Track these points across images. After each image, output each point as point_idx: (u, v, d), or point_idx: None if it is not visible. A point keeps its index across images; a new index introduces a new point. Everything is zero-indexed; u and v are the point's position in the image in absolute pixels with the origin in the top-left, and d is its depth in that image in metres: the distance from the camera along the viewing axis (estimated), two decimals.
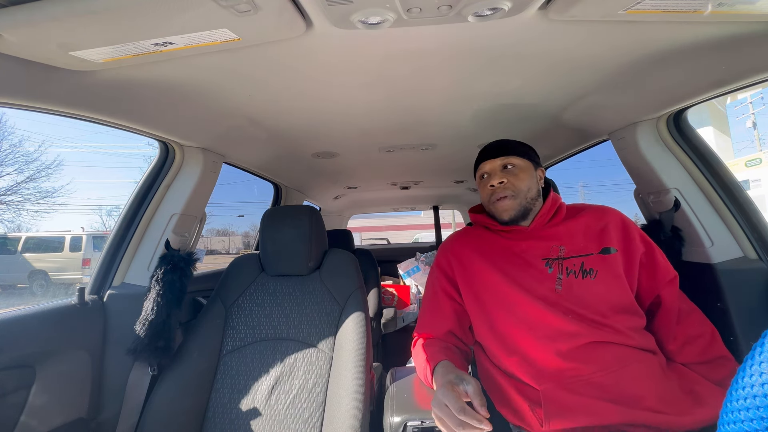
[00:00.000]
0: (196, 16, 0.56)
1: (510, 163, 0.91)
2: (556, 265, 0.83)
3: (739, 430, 0.33)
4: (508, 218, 0.89)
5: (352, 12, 0.58)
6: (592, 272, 0.81)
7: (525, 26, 0.67)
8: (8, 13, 0.53)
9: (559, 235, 0.87)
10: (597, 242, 0.84)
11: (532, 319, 0.80)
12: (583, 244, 0.84)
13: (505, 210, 0.89)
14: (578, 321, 0.77)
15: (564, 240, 0.86)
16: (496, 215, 0.91)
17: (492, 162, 0.92)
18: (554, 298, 0.80)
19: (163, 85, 0.82)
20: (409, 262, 3.02)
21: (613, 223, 0.87)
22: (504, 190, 0.89)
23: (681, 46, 0.75)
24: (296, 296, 1.14)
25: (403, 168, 1.91)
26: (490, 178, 0.92)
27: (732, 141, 13.35)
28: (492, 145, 0.95)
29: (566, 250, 0.84)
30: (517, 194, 0.88)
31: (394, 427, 0.79)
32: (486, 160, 0.94)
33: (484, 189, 0.94)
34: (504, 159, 0.91)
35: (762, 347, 0.33)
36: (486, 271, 0.88)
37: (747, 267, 0.97)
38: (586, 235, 0.86)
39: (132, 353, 0.98)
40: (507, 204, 0.88)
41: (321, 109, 1.05)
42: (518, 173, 0.90)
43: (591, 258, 0.82)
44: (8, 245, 8.82)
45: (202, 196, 1.21)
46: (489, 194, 0.92)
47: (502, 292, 0.85)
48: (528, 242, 0.88)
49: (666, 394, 0.71)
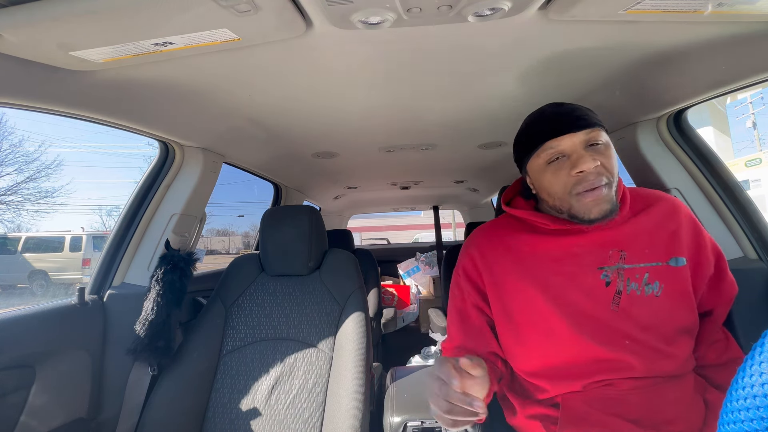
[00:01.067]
0: (196, 16, 0.56)
1: (597, 139, 0.65)
2: (615, 276, 0.66)
3: (739, 430, 0.33)
4: (601, 215, 0.65)
5: (352, 12, 0.58)
6: (657, 287, 0.65)
7: (525, 26, 0.67)
8: (8, 13, 0.53)
9: (622, 237, 0.68)
10: (666, 248, 0.67)
11: (576, 350, 0.65)
12: (649, 250, 0.67)
13: (600, 202, 0.64)
14: (635, 351, 0.63)
15: (626, 243, 0.67)
16: (583, 212, 0.65)
17: (572, 137, 0.65)
18: (608, 319, 0.65)
19: (163, 85, 0.82)
20: (409, 262, 3.02)
21: (686, 226, 0.70)
22: (600, 175, 0.64)
23: (681, 46, 0.75)
24: (296, 296, 1.14)
25: (403, 168, 1.91)
26: (578, 160, 0.64)
27: (732, 141, 13.36)
28: (565, 112, 0.67)
29: (628, 256, 0.67)
30: (613, 181, 0.65)
31: (394, 427, 0.79)
32: (560, 135, 0.65)
33: (561, 175, 0.66)
34: (589, 132, 0.65)
35: (762, 347, 0.33)
36: (520, 283, 0.71)
37: (747, 267, 0.97)
38: (654, 237, 0.68)
39: (132, 353, 0.98)
40: (604, 194, 0.64)
41: (321, 109, 1.05)
42: (608, 150, 0.66)
43: (657, 269, 0.66)
44: (8, 245, 8.81)
45: (202, 196, 1.21)
46: (574, 183, 0.65)
47: (539, 313, 0.68)
48: (582, 244, 0.68)
49: (694, 415, 0.63)
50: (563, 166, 0.66)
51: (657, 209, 0.71)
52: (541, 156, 0.69)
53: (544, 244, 0.71)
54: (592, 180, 0.64)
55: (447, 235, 11.27)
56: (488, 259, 0.76)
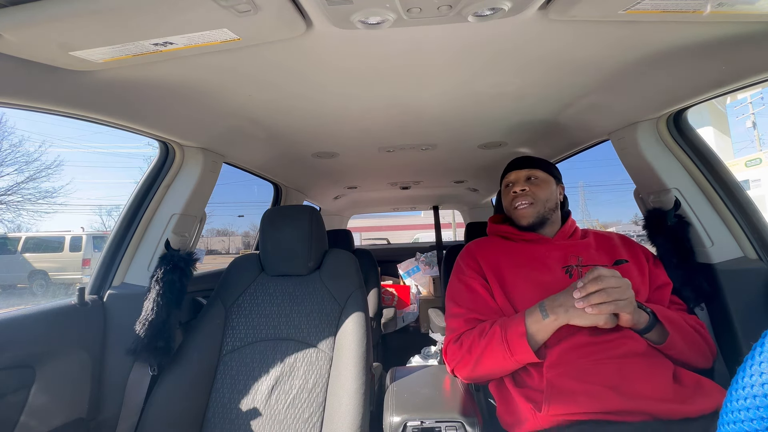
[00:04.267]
0: (196, 16, 0.56)
1: (533, 175, 1.01)
2: (576, 272, 0.90)
3: (739, 430, 0.33)
4: (527, 224, 0.98)
5: (352, 12, 0.58)
6: None
7: (525, 26, 0.67)
8: (8, 13, 0.53)
9: (576, 248, 0.95)
10: (609, 256, 0.93)
11: None
12: (597, 257, 0.93)
13: (524, 216, 0.98)
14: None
15: (580, 252, 0.94)
16: (516, 220, 1.01)
17: (518, 172, 1.03)
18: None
19: (163, 85, 0.82)
20: (409, 262, 3.02)
21: (617, 241, 0.99)
22: (525, 197, 0.98)
23: (681, 46, 0.75)
24: (296, 296, 1.14)
25: (403, 168, 1.91)
26: (515, 185, 1.01)
27: (732, 141, 13.35)
28: (519, 159, 1.06)
29: (583, 260, 0.92)
30: (537, 202, 0.98)
31: (394, 427, 0.79)
32: (512, 170, 1.04)
33: (507, 196, 1.04)
34: (529, 171, 1.02)
35: (762, 347, 0.33)
36: (514, 270, 0.93)
37: (747, 267, 0.97)
38: (598, 250, 0.95)
39: (132, 353, 0.98)
40: (527, 210, 0.98)
41: (321, 109, 1.05)
42: (540, 184, 1.00)
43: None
44: (8, 245, 8.82)
45: (202, 196, 1.21)
46: (511, 200, 1.01)
47: (530, 292, 0.88)
48: (549, 251, 0.95)
49: (669, 385, 0.73)
50: (509, 189, 1.03)
51: (594, 235, 1.01)
52: (504, 183, 1.08)
53: (524, 248, 0.98)
54: (520, 199, 0.99)
55: (447, 235, 11.27)
56: (485, 256, 0.99)
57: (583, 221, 23.37)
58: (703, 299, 0.99)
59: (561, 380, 0.75)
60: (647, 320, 0.78)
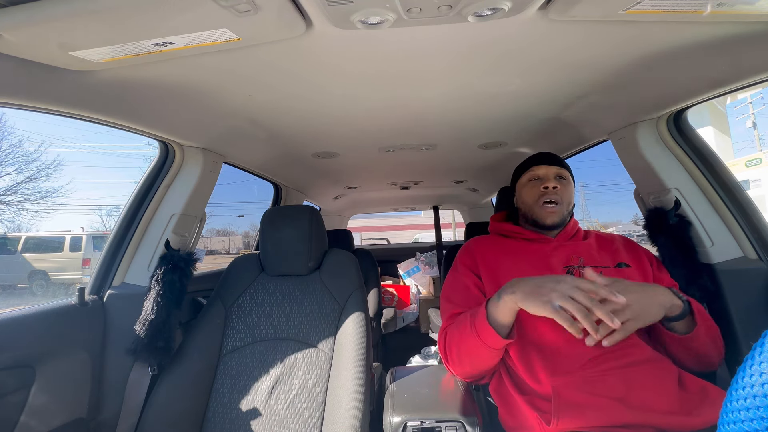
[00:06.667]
0: (196, 16, 0.56)
1: (562, 174, 0.99)
2: (577, 273, 0.88)
3: (739, 430, 0.33)
4: (551, 223, 0.95)
5: (352, 12, 0.58)
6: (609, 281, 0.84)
7: (525, 26, 0.67)
8: (8, 13, 0.53)
9: (578, 249, 0.93)
10: (611, 258, 0.92)
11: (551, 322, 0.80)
12: (599, 259, 0.91)
13: (551, 214, 0.95)
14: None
15: (582, 253, 0.92)
16: (541, 217, 0.96)
17: (548, 168, 0.99)
18: None
19: (163, 85, 0.82)
20: (409, 262, 3.02)
21: (619, 243, 0.97)
22: (556, 194, 0.96)
23: (681, 46, 0.75)
24: (296, 296, 1.14)
25: (403, 168, 1.91)
26: (546, 181, 0.97)
27: (732, 141, 13.35)
28: (548, 154, 1.02)
29: (585, 261, 0.91)
30: (563, 203, 0.96)
31: (393, 427, 0.79)
32: (541, 164, 1.00)
33: (534, 189, 0.98)
34: (559, 169, 0.98)
35: (762, 347, 0.33)
36: (512, 268, 0.92)
37: (747, 267, 0.97)
38: (600, 252, 0.94)
39: (132, 353, 0.98)
40: (555, 209, 0.95)
41: (321, 109, 1.05)
42: (567, 185, 0.98)
43: (608, 270, 0.87)
44: (8, 245, 8.81)
45: (202, 196, 1.21)
46: (539, 195, 0.96)
47: None
48: (551, 251, 0.93)
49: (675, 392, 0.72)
50: (537, 184, 0.98)
51: (596, 236, 0.99)
52: (527, 175, 1.02)
53: (526, 247, 0.96)
54: (551, 196, 0.95)
55: (447, 235, 11.27)
56: (484, 253, 0.98)
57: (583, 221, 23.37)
58: (707, 298, 0.99)
59: (567, 391, 0.73)
60: (681, 308, 0.74)
